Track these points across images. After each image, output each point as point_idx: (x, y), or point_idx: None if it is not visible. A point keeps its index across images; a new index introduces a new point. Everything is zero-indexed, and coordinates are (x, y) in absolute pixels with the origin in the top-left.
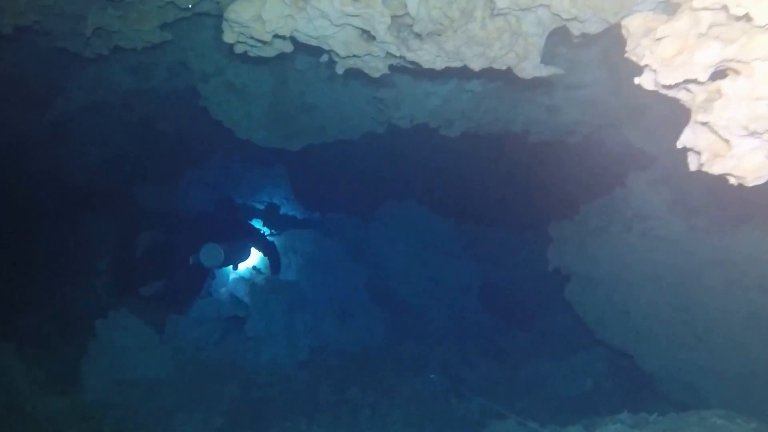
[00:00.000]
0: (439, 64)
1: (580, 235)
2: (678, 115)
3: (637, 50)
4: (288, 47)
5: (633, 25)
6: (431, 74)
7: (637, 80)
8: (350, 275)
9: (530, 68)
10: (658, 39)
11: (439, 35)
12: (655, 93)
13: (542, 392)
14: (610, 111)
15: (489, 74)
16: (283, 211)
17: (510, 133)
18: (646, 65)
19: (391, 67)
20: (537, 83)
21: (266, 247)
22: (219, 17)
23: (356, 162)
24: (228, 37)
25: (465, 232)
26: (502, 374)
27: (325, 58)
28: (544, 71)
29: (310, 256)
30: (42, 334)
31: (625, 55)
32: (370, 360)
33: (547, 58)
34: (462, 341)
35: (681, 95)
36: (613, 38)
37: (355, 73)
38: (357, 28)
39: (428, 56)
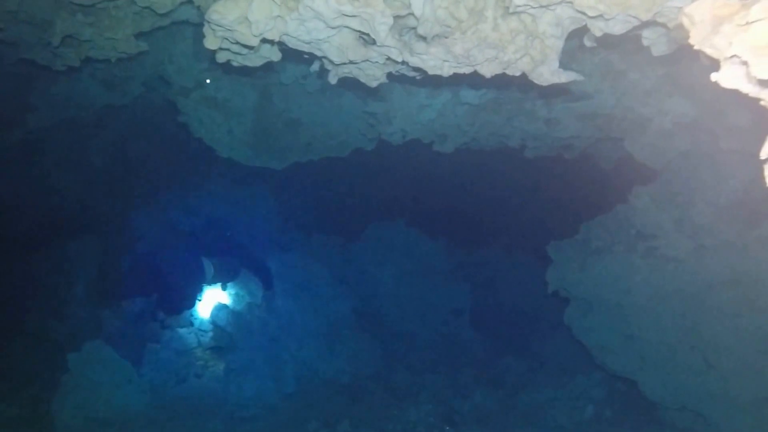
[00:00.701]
0: (447, 70)
1: (581, 255)
2: (684, 127)
3: (716, 40)
4: (276, 55)
5: (699, 13)
6: (425, 86)
7: (714, 76)
8: (337, 300)
9: (548, 73)
10: (749, 23)
11: (446, 38)
12: (662, 103)
13: (541, 421)
14: (611, 124)
15: (488, 83)
16: (266, 233)
17: (506, 148)
18: (733, 56)
19: (389, 75)
20: (536, 95)
21: (256, 265)
22: (199, 26)
23: (343, 180)
24: (210, 43)
25: (456, 253)
26: (497, 402)
27: (315, 66)
28: (563, 77)
29: (295, 280)
30: (11, 369)
31: (695, 46)
32: (360, 390)
33: None
34: (455, 368)
35: (765, 94)
36: (627, 44)
37: (347, 85)
38: (354, 30)
39: (434, 61)
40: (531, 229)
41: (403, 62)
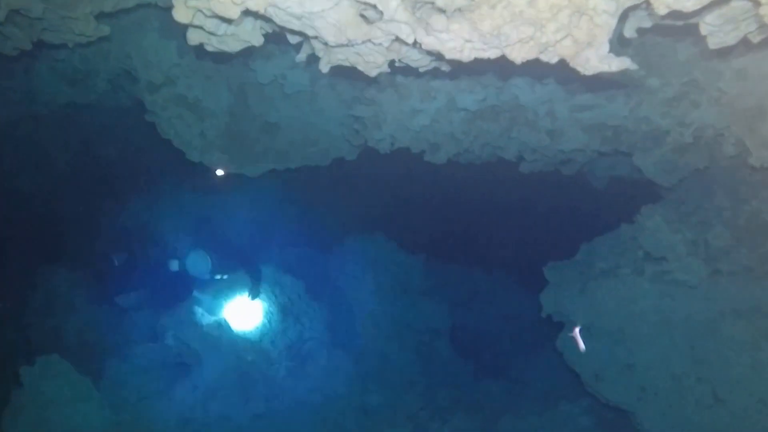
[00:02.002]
0: (468, 54)
1: (582, 278)
2: (706, 141)
3: None
4: (257, 39)
5: None
6: (420, 88)
7: None
8: (310, 316)
9: (595, 59)
10: None
11: (472, 12)
12: (684, 114)
13: None
14: (621, 136)
15: (487, 85)
16: (236, 244)
17: (501, 161)
18: None
19: (391, 65)
20: (540, 100)
21: (246, 263)
22: (167, 10)
23: (322, 191)
24: (180, 15)
25: (436, 270)
26: (477, 427)
27: (303, 56)
28: (615, 64)
29: (266, 295)
30: None
31: None
32: (332, 411)
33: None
34: (432, 390)
35: None
36: (651, 44)
37: (340, 74)
38: (357, 2)
39: (455, 41)
40: (518, 248)
41: (415, 44)
